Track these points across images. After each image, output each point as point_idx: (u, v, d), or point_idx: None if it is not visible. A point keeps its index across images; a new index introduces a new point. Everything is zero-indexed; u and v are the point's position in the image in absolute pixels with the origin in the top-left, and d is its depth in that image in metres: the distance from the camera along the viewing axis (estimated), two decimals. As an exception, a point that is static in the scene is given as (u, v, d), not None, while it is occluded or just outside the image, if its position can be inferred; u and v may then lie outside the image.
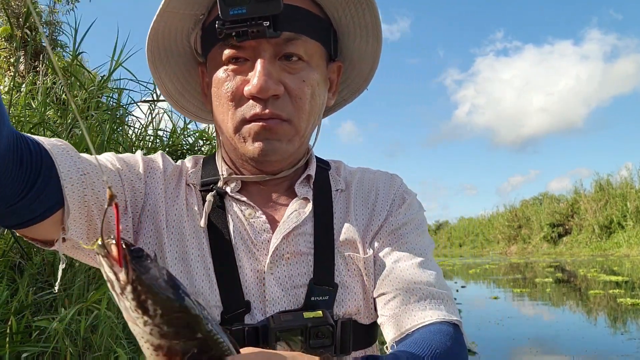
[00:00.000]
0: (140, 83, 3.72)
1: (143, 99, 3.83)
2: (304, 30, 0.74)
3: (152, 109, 3.85)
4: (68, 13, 5.15)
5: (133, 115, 3.92)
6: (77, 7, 5.18)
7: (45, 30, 4.66)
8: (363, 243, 0.80)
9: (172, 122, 4.15)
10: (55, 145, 0.67)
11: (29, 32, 4.14)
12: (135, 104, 3.80)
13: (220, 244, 0.77)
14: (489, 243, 35.05)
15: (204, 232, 0.78)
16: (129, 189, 0.77)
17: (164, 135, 4.01)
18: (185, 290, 0.40)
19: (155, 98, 3.80)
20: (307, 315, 0.72)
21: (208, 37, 0.78)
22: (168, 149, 3.81)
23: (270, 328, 0.70)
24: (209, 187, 0.81)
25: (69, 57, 3.90)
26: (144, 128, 3.89)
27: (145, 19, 0.91)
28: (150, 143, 3.90)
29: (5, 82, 3.30)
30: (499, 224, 33.41)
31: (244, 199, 0.80)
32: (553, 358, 4.89)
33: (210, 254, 0.76)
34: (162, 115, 3.97)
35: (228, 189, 0.81)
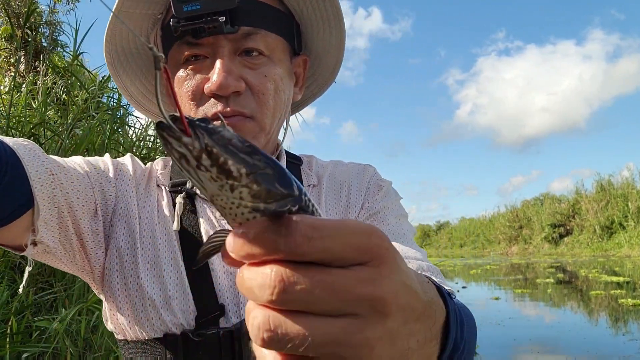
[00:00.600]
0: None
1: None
2: (263, 24, 0.73)
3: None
4: (68, 13, 5.16)
5: (133, 116, 3.93)
6: (77, 7, 5.19)
7: (46, 31, 4.66)
8: None
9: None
10: (21, 145, 0.65)
11: (30, 32, 4.14)
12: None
13: (192, 248, 0.76)
14: (490, 243, 35.01)
15: (176, 236, 0.76)
16: (99, 192, 0.75)
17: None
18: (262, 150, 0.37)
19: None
20: None
21: (167, 36, 0.76)
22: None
23: (244, 331, 0.69)
24: (178, 188, 0.80)
25: (70, 57, 3.90)
26: (145, 128, 3.90)
27: (145, 18, 0.90)
28: (151, 143, 3.89)
29: (6, 82, 3.30)
30: (500, 225, 33.37)
31: None
32: (554, 359, 4.87)
33: (182, 258, 0.75)
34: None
35: (198, 191, 0.80)
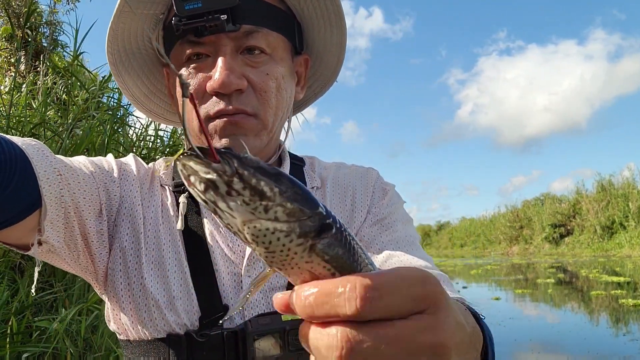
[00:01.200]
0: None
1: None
2: (264, 23, 0.73)
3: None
4: (68, 13, 5.15)
5: (134, 116, 3.93)
6: (77, 7, 5.18)
7: (46, 31, 4.66)
8: None
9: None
10: (30, 145, 0.65)
11: (30, 32, 4.14)
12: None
13: (196, 248, 0.76)
14: (491, 244, 34.98)
15: (180, 236, 0.76)
16: (104, 192, 0.75)
17: (165, 136, 4.00)
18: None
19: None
20: (285, 318, 0.71)
21: (169, 36, 0.76)
22: (169, 149, 3.80)
23: (248, 332, 0.69)
24: (181, 188, 0.80)
25: (70, 57, 3.90)
26: (145, 128, 3.90)
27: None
28: (151, 143, 3.89)
29: (6, 82, 3.30)
30: (501, 225, 33.32)
31: None
32: (554, 359, 4.87)
33: (187, 259, 0.75)
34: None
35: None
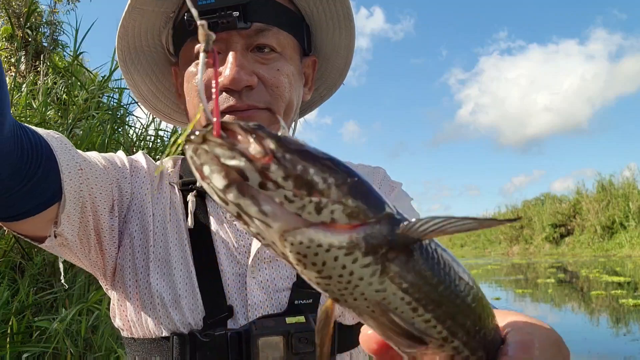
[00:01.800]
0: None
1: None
2: (275, 22, 0.74)
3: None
4: (68, 13, 5.15)
5: (134, 115, 3.93)
6: (77, 6, 5.18)
7: (46, 31, 4.66)
8: None
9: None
10: (53, 138, 0.66)
11: (30, 32, 4.14)
12: (136, 104, 3.80)
13: (202, 248, 0.76)
14: (491, 244, 34.96)
15: (187, 234, 0.77)
16: (117, 189, 0.76)
17: (165, 135, 4.00)
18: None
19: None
20: (289, 321, 0.71)
21: (179, 34, 0.77)
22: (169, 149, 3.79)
23: (252, 334, 0.69)
24: (189, 186, 0.80)
25: (70, 57, 3.89)
26: (145, 128, 3.89)
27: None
28: (152, 143, 3.89)
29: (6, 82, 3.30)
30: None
31: None
32: (555, 359, 4.86)
33: (192, 258, 0.75)
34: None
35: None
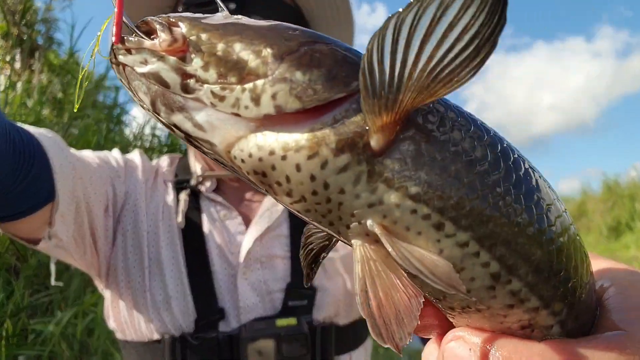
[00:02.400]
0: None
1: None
2: (273, 16, 0.73)
3: (149, 108, 3.83)
4: (64, 10, 5.10)
5: (130, 115, 3.90)
6: (73, 3, 5.13)
7: (42, 28, 4.62)
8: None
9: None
10: (46, 137, 0.66)
11: (25, 29, 4.10)
12: (133, 102, 3.77)
13: (194, 248, 0.75)
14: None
15: (179, 234, 0.76)
16: (111, 188, 0.76)
17: (162, 135, 3.98)
18: None
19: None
20: (280, 324, 0.70)
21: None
22: (166, 149, 3.78)
23: (242, 337, 0.69)
24: (183, 185, 0.80)
25: (65, 55, 3.87)
26: (141, 127, 3.87)
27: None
28: (149, 143, 3.87)
29: (1, 80, 3.27)
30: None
31: (220, 199, 0.79)
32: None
33: (184, 258, 0.75)
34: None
35: (203, 188, 0.80)
